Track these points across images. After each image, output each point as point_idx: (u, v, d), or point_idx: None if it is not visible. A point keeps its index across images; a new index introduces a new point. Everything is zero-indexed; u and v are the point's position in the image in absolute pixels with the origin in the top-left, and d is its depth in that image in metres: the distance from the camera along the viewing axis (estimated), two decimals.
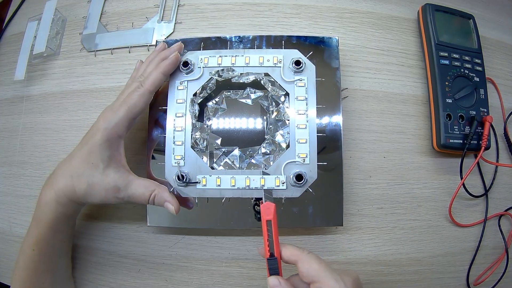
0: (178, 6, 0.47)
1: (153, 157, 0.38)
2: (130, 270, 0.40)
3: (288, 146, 0.36)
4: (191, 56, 0.38)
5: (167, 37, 0.46)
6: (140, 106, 0.34)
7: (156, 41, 0.44)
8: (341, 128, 0.38)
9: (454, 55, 0.43)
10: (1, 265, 0.42)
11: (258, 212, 0.37)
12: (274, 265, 0.29)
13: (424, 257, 0.40)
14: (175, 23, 0.46)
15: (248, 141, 0.38)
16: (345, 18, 0.46)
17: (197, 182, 0.35)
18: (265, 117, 0.38)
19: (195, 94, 0.38)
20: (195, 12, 0.47)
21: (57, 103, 0.45)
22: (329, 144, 0.38)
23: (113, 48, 0.46)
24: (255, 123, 0.38)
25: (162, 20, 0.47)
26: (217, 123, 0.38)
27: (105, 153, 0.32)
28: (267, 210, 0.30)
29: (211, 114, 0.38)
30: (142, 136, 0.41)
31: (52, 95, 0.46)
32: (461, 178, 0.40)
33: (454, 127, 0.41)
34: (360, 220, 0.41)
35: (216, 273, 0.39)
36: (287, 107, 0.37)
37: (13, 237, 0.42)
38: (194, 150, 0.36)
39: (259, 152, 0.37)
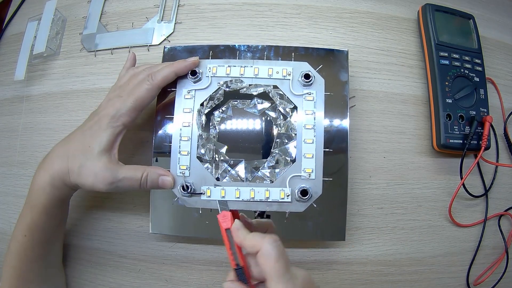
0: (178, 6, 0.47)
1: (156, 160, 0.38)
2: (130, 270, 0.40)
3: (294, 161, 0.36)
4: (199, 65, 0.38)
5: (167, 37, 0.46)
6: (148, 100, 0.34)
7: (165, 46, 0.41)
8: (348, 144, 0.37)
9: (454, 55, 0.43)
10: (1, 265, 0.42)
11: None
12: (242, 275, 0.27)
13: (424, 257, 0.40)
14: (175, 23, 0.46)
15: (254, 152, 0.37)
16: (345, 18, 0.46)
17: (201, 193, 0.35)
18: (271, 128, 0.38)
19: (202, 104, 0.37)
20: (195, 12, 0.47)
21: (57, 103, 0.45)
22: (335, 160, 0.37)
23: (113, 48, 0.46)
24: (261, 134, 0.38)
25: (162, 20, 0.47)
26: (223, 131, 0.38)
27: (105, 138, 0.32)
28: (224, 218, 0.29)
29: (217, 123, 0.38)
30: (142, 136, 0.41)
31: (52, 95, 0.46)
32: (461, 178, 0.40)
33: (454, 127, 0.41)
34: (360, 220, 0.41)
35: (216, 273, 0.39)
36: (294, 121, 0.37)
37: None
38: (200, 161, 0.36)
39: (265, 166, 0.37)
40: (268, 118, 0.38)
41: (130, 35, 0.47)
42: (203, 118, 0.37)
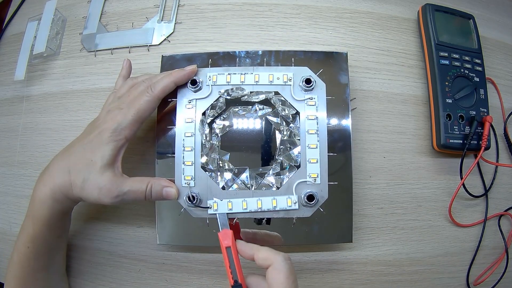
0: (178, 6, 0.47)
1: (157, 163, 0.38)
2: (130, 270, 0.40)
3: (299, 166, 0.36)
4: (199, 74, 0.38)
5: (167, 37, 0.46)
6: (148, 112, 0.34)
7: (162, 55, 0.41)
8: (351, 146, 0.37)
9: (454, 55, 0.43)
10: (1, 265, 0.42)
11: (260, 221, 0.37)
12: None
13: (424, 257, 0.40)
14: (175, 23, 0.46)
15: (258, 158, 0.37)
16: (345, 18, 0.46)
17: (208, 207, 0.35)
18: (275, 134, 0.37)
19: (204, 113, 0.37)
20: (195, 12, 0.47)
21: (57, 103, 0.45)
22: (339, 163, 0.37)
23: (113, 48, 0.46)
24: (265, 140, 0.38)
25: (162, 20, 0.47)
26: (226, 139, 0.38)
27: (107, 153, 0.32)
28: (225, 235, 0.30)
29: (218, 131, 0.38)
30: (149, 135, 0.41)
31: (52, 95, 0.46)
32: (461, 178, 0.40)
33: (454, 127, 0.41)
34: (360, 220, 0.41)
35: (216, 273, 0.39)
36: (297, 127, 0.37)
37: (13, 237, 0.42)
38: (205, 170, 0.36)
39: (270, 173, 0.37)
40: (271, 124, 0.38)
41: (130, 35, 0.47)
42: (206, 127, 0.37)
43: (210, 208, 0.35)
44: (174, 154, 0.36)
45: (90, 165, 0.32)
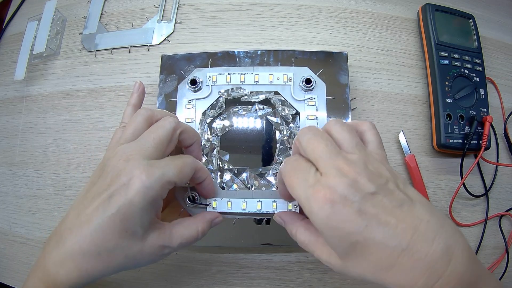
0: (178, 6, 0.47)
1: None
2: (130, 270, 0.40)
3: None
4: (199, 74, 0.37)
5: (167, 37, 0.46)
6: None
7: (162, 55, 0.41)
8: None
9: (454, 55, 0.43)
10: (1, 265, 0.42)
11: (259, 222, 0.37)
12: None
13: None
14: (175, 23, 0.46)
15: (258, 158, 0.37)
16: (345, 18, 0.46)
17: (207, 205, 0.35)
18: (274, 133, 0.37)
19: (203, 113, 0.37)
20: (195, 12, 0.47)
21: (57, 103, 0.45)
22: None
23: (113, 48, 0.46)
24: (265, 140, 0.38)
25: (162, 20, 0.47)
26: (226, 139, 0.37)
27: (146, 217, 0.25)
28: None
29: (218, 131, 0.38)
30: None
31: (52, 95, 0.46)
32: (461, 178, 0.40)
33: (454, 127, 0.41)
34: None
35: (216, 273, 0.39)
36: (297, 127, 0.37)
37: (13, 237, 0.42)
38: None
39: (270, 173, 0.37)
40: (271, 124, 0.38)
41: (130, 35, 0.47)
42: (206, 127, 0.37)
43: (209, 205, 0.35)
44: None
45: (128, 237, 0.25)
